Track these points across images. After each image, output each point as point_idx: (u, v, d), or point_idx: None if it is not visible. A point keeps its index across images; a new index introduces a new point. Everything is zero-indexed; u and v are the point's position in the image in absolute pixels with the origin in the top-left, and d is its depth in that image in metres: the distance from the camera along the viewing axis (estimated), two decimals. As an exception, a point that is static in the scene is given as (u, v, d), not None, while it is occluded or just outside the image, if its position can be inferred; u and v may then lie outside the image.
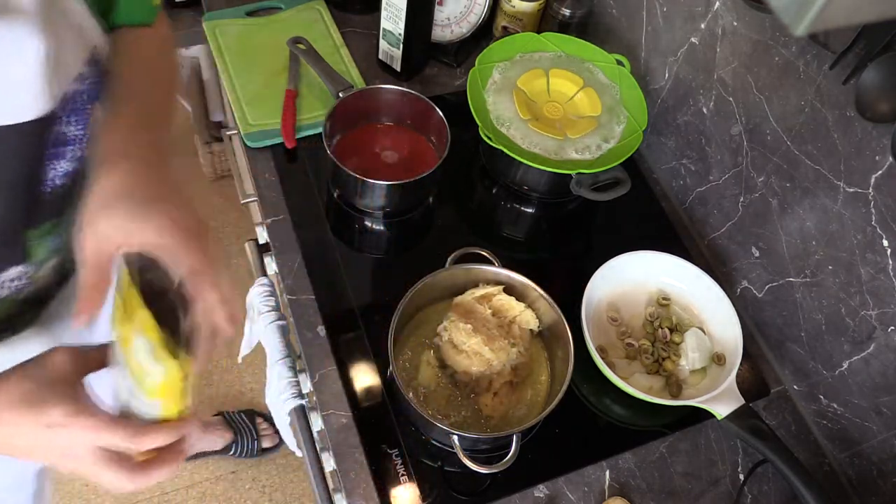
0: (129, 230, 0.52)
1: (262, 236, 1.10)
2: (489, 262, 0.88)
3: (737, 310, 0.91)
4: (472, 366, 0.82)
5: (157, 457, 0.52)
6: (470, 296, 0.86)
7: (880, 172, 0.75)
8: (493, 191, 1.08)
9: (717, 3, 0.91)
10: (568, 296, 0.89)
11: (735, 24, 0.89)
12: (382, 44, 1.11)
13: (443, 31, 1.14)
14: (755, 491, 0.87)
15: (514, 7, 1.14)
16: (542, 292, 0.85)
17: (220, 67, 1.11)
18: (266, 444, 1.66)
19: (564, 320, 0.83)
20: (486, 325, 0.84)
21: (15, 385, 0.50)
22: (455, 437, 0.77)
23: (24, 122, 0.54)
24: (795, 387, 0.94)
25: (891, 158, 0.73)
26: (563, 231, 1.07)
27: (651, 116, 1.07)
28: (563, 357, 0.83)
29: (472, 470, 0.77)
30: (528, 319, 0.86)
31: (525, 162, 0.95)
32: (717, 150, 0.98)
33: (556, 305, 0.84)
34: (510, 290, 0.87)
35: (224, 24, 1.16)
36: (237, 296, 0.55)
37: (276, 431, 1.66)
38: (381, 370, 0.88)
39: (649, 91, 1.08)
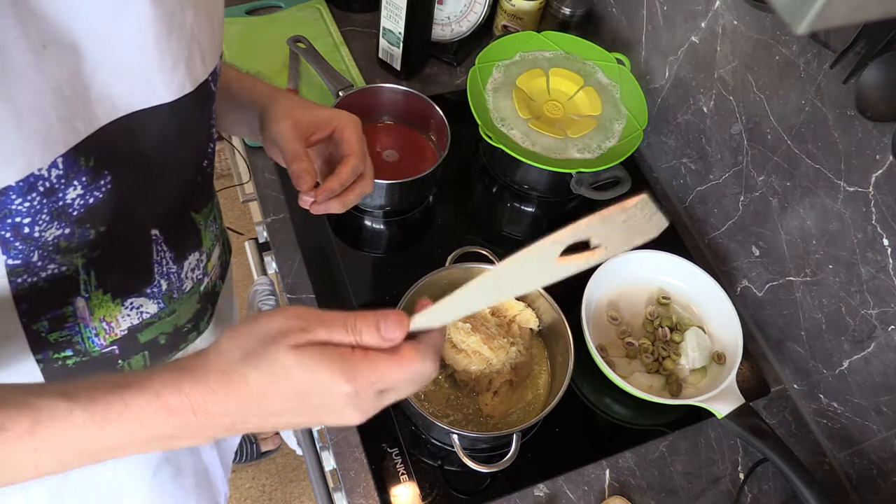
0: (319, 115, 0.70)
1: (262, 235, 1.10)
2: (489, 261, 0.88)
3: (737, 309, 0.91)
4: (471, 365, 0.82)
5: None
6: (470, 295, 0.86)
7: (881, 171, 0.75)
8: (494, 190, 1.08)
9: (718, 2, 0.91)
10: (568, 295, 0.89)
11: (735, 22, 0.89)
12: (382, 42, 1.11)
13: (443, 29, 1.14)
14: (755, 490, 0.87)
15: (514, 6, 1.14)
16: (541, 291, 0.85)
17: (220, 66, 1.11)
18: (266, 447, 1.64)
19: (564, 319, 0.83)
20: (485, 324, 0.84)
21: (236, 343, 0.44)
22: (455, 436, 0.77)
23: (199, 91, 0.54)
24: (795, 386, 0.94)
25: (891, 157, 0.73)
26: (564, 230, 1.07)
27: (651, 115, 1.07)
28: (563, 356, 0.82)
29: (472, 469, 0.77)
30: (527, 318, 0.86)
31: (525, 161, 0.95)
32: (717, 149, 0.98)
33: (555, 304, 0.84)
34: (510, 289, 0.87)
35: (223, 22, 1.16)
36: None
37: (277, 433, 1.64)
38: (381, 369, 0.88)
39: (649, 90, 1.08)
